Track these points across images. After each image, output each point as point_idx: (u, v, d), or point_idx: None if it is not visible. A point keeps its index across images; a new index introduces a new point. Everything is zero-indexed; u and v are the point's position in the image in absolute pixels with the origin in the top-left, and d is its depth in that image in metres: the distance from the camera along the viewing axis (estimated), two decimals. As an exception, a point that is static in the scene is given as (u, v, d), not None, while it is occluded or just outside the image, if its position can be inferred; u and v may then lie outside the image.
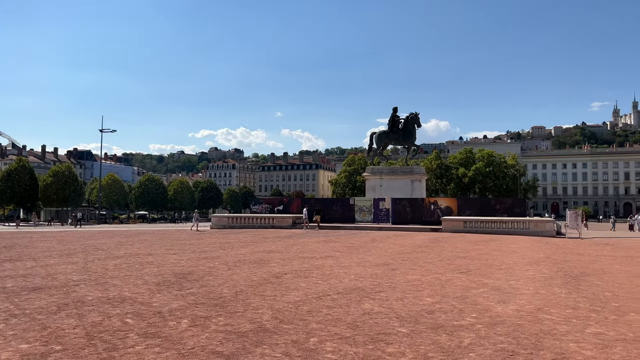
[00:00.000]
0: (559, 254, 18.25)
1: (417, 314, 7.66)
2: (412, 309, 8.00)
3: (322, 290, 9.54)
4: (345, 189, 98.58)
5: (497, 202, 37.22)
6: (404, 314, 7.61)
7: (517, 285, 10.67)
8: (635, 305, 8.66)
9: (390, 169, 42.94)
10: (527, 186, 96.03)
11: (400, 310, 7.88)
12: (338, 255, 16.22)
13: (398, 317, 7.44)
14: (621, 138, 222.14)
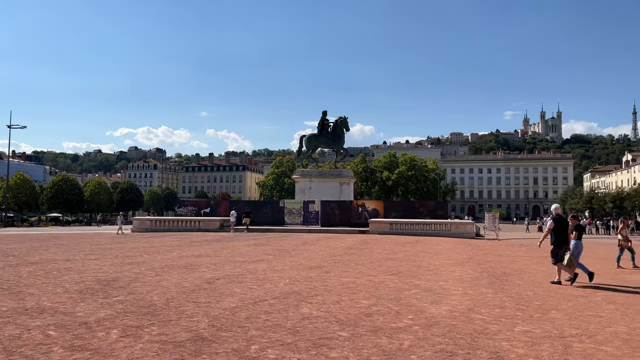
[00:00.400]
0: (480, 255, 19.18)
1: (356, 317, 7.69)
2: (350, 312, 8.02)
3: (258, 296, 9.35)
4: (273, 191, 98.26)
5: (421, 205, 38.63)
6: (343, 318, 7.61)
7: (446, 286, 11.05)
8: (554, 303, 9.23)
9: (320, 171, 43.33)
10: (446, 189, 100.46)
11: (338, 314, 7.87)
12: (270, 259, 16.04)
13: (337, 320, 7.42)
14: (530, 145, 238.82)
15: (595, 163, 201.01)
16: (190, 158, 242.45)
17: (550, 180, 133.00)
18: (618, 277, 13.35)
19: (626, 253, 16.16)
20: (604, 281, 12.40)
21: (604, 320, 7.80)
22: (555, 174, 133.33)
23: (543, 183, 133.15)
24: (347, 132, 41.75)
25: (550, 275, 13.24)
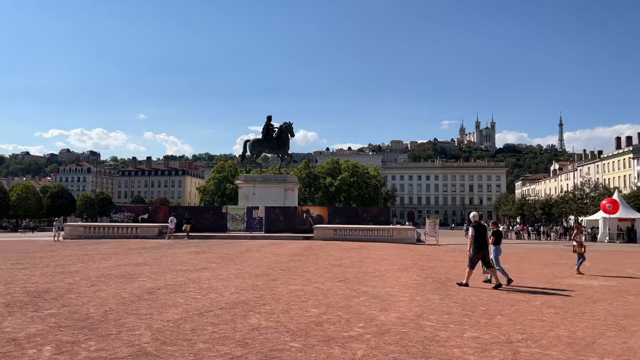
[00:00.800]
0: (423, 260, 19.55)
1: (306, 326, 7.52)
2: (300, 322, 7.84)
3: (203, 306, 8.98)
4: (214, 197, 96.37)
5: (364, 211, 39.05)
6: (293, 328, 7.42)
7: (393, 292, 11.10)
8: (499, 308, 9.46)
9: (264, 177, 42.87)
10: (387, 196, 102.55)
11: (288, 324, 7.67)
12: (214, 267, 15.57)
13: (288, 330, 7.22)
14: (466, 154, 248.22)
15: (525, 171, 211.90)
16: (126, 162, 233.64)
17: (485, 188, 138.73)
18: (554, 281, 13.94)
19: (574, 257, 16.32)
20: (542, 285, 12.90)
21: (546, 325, 8.05)
22: (490, 181, 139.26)
23: (478, 190, 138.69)
24: (292, 137, 41.66)
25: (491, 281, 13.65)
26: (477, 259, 11.93)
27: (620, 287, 12.89)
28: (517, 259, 21.16)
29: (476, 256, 11.90)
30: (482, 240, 11.91)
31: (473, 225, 12.17)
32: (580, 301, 10.45)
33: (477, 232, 11.90)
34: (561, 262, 20.32)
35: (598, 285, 13.06)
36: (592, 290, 12.17)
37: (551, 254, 25.81)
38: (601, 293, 11.67)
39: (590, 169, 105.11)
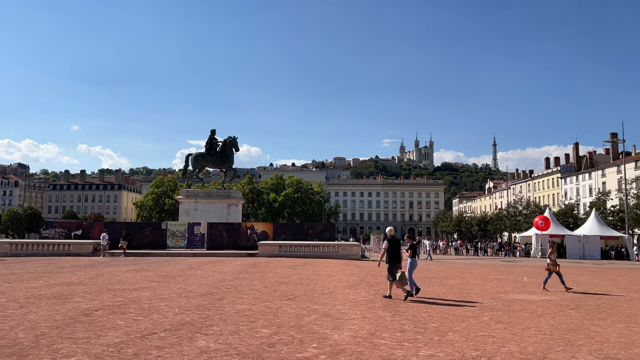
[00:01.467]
0: (370, 276, 19.53)
1: (258, 348, 7.18)
2: (251, 343, 7.48)
3: (146, 328, 8.41)
4: (152, 212, 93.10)
5: (310, 227, 38.82)
6: (244, 350, 7.05)
7: (344, 309, 10.91)
8: (449, 324, 9.48)
9: (207, 192, 41.82)
10: (330, 212, 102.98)
11: (239, 346, 7.29)
12: (154, 286, 14.79)
13: (239, 353, 6.85)
14: (406, 171, 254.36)
15: (462, 189, 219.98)
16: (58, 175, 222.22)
17: (424, 204, 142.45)
18: (498, 296, 14.26)
19: (554, 277, 16.16)
20: (483, 302, 13.13)
21: (497, 340, 8.11)
22: (429, 198, 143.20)
23: (418, 207, 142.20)
24: (237, 152, 40.98)
25: (438, 295, 13.79)
26: (394, 270, 12.48)
27: (560, 301, 13.36)
28: (460, 275, 21.60)
29: (393, 268, 12.51)
30: (396, 253, 12.63)
31: (387, 239, 12.87)
32: (525, 316, 10.68)
33: (390, 246, 12.61)
34: (501, 277, 20.93)
35: (539, 300, 13.47)
36: (534, 305, 12.51)
37: (491, 269, 26.59)
38: (543, 308, 12.01)
39: (522, 188, 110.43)
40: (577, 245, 44.24)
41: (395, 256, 12.54)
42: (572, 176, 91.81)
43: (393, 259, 12.50)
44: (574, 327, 9.47)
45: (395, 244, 12.68)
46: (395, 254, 12.54)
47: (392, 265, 12.49)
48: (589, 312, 11.47)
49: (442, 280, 18.72)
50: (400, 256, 12.66)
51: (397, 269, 12.46)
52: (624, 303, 13.43)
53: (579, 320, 10.29)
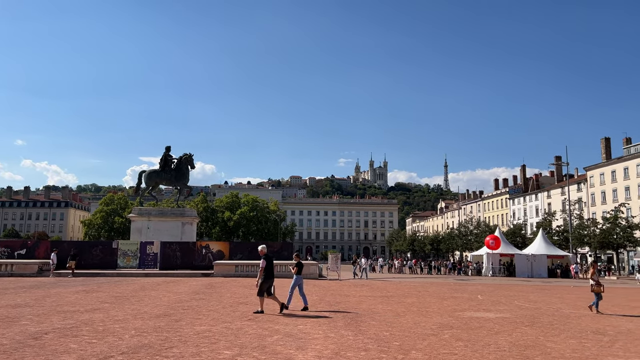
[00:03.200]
0: (329, 296, 19.49)
1: (222, 370, 6.98)
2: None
3: (102, 351, 8.04)
4: (101, 231, 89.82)
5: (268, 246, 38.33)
6: (208, 373, 6.84)
7: (306, 329, 10.81)
8: (412, 343, 9.54)
9: (160, 210, 40.76)
10: (286, 231, 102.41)
11: (202, 369, 7.07)
12: (107, 307, 14.21)
13: (203, 376, 6.63)
14: (361, 191, 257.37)
15: (415, 209, 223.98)
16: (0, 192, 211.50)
17: (379, 224, 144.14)
18: (455, 314, 14.50)
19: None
20: (442, 320, 13.32)
21: (459, 358, 8.21)
22: (383, 217, 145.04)
23: (372, 226, 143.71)
24: (192, 169, 40.30)
25: (398, 315, 13.89)
26: (265, 286, 13.15)
27: (515, 318, 13.72)
28: (417, 293, 21.88)
29: (265, 284, 13.14)
30: (271, 270, 13.28)
31: (263, 257, 13.37)
32: (483, 333, 10.89)
33: (268, 263, 13.24)
34: (457, 296, 21.32)
35: (495, 317, 13.79)
36: (491, 322, 12.80)
37: (446, 287, 27.07)
38: (500, 325, 12.30)
39: (472, 208, 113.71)
40: (525, 263, 45.75)
41: (270, 273, 13.23)
42: (520, 197, 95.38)
43: (268, 275, 13.17)
44: (530, 344, 9.73)
45: (270, 261, 13.36)
46: (270, 271, 13.22)
47: (265, 282, 13.11)
48: (543, 329, 11.83)
49: (401, 299, 18.89)
50: (273, 272, 13.41)
51: (271, 284, 13.23)
52: (574, 319, 13.94)
53: (535, 337, 10.59)
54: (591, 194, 77.41)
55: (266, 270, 13.14)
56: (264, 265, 13.16)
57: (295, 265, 14.56)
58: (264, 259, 13.30)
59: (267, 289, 13.19)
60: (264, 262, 13.22)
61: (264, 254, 13.48)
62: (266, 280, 13.13)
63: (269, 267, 13.20)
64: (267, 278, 13.13)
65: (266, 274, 13.13)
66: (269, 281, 13.18)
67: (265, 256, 13.39)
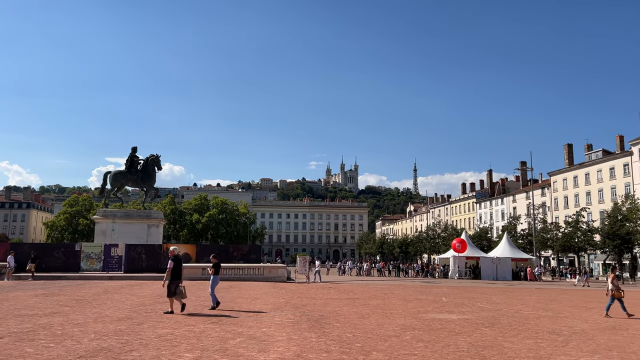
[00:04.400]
0: (295, 298, 19.50)
1: (182, 373, 6.94)
2: (174, 369, 7.21)
3: (59, 355, 7.88)
4: (65, 233, 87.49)
5: (235, 249, 38.12)
6: (166, 376, 6.79)
7: (269, 332, 10.82)
8: (373, 344, 9.67)
9: (125, 212, 40.04)
10: (256, 233, 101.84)
11: (161, 372, 7.01)
12: (67, 311, 13.88)
13: (161, 380, 6.58)
14: (332, 194, 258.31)
15: (384, 212, 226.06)
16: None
17: (349, 227, 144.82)
18: (418, 316, 14.73)
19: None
20: (405, 322, 13.52)
21: (419, 359, 8.38)
22: (353, 220, 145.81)
23: (343, 229, 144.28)
24: (159, 170, 39.73)
25: (362, 317, 14.03)
26: (173, 287, 13.36)
27: (476, 320, 14.04)
28: (383, 295, 22.12)
29: (172, 285, 13.36)
30: (178, 271, 13.50)
31: (171, 259, 13.62)
32: (444, 334, 11.12)
33: (175, 264, 13.46)
34: (421, 298, 21.65)
35: (457, 319, 14.07)
36: (452, 323, 13.06)
37: (411, 290, 27.42)
38: (460, 326, 12.56)
39: (440, 211, 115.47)
40: (490, 266, 46.69)
41: (177, 274, 13.45)
42: (486, 201, 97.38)
43: (175, 276, 13.40)
44: (488, 344, 9.99)
45: (178, 263, 13.58)
46: (177, 272, 13.45)
47: (172, 282, 13.38)
48: (502, 330, 12.15)
49: (366, 301, 19.06)
50: (181, 274, 13.62)
51: (177, 285, 13.42)
52: (533, 320, 14.36)
53: (493, 337, 10.87)
54: (554, 198, 79.67)
55: (173, 272, 13.37)
56: (171, 267, 13.37)
57: (212, 267, 15.01)
58: (171, 261, 13.54)
59: (175, 289, 13.36)
60: (172, 264, 13.43)
61: (173, 255, 13.79)
62: (173, 281, 13.35)
63: (176, 269, 13.43)
64: (174, 279, 13.36)
65: (173, 275, 13.36)
66: (175, 282, 13.38)
67: (174, 257, 13.66)
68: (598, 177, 70.78)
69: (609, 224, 52.16)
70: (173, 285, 13.36)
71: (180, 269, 13.60)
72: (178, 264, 13.57)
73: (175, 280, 13.40)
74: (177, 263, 13.57)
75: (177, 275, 13.46)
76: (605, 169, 69.63)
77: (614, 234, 50.10)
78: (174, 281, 13.38)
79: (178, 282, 13.47)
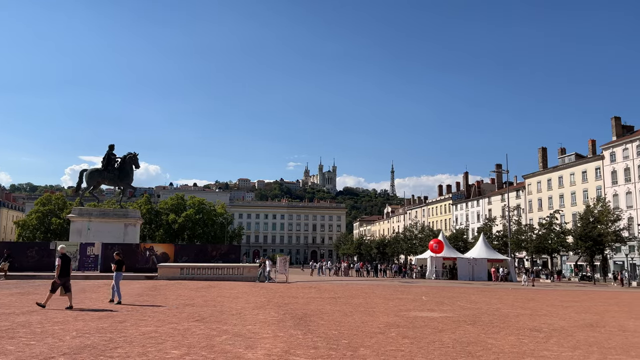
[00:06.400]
0: (277, 297, 19.45)
1: (170, 369, 6.86)
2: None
3: (42, 352, 7.70)
4: (37, 233, 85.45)
5: (214, 249, 37.79)
6: (155, 372, 6.70)
7: (255, 329, 10.77)
8: (359, 340, 9.71)
9: (102, 211, 39.32)
10: (233, 234, 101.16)
11: (149, 368, 6.92)
12: (44, 310, 13.56)
13: (150, 375, 6.49)
14: (310, 194, 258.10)
15: (362, 213, 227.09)
16: None
17: (327, 227, 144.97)
18: (400, 314, 14.84)
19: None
20: (388, 319, 13.62)
21: (406, 354, 8.44)
22: (331, 221, 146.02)
23: (321, 230, 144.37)
24: (137, 169, 39.12)
25: (346, 315, 14.07)
26: (59, 284, 13.72)
27: (458, 317, 14.22)
28: (364, 295, 22.21)
29: (59, 281, 13.71)
30: (66, 269, 13.90)
31: (59, 256, 14.07)
32: (428, 331, 11.23)
33: (63, 262, 13.86)
34: (402, 297, 21.81)
35: (439, 317, 14.23)
36: (435, 321, 13.20)
37: (391, 289, 27.60)
38: (444, 324, 12.71)
39: (417, 213, 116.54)
40: (467, 267, 47.31)
41: (66, 271, 13.85)
42: (462, 203, 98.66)
43: (63, 273, 13.78)
44: (472, 340, 10.12)
45: (66, 260, 14.04)
46: (65, 269, 13.84)
47: (60, 279, 13.72)
48: (484, 327, 12.32)
49: (348, 300, 19.12)
50: (69, 271, 14.00)
51: (67, 282, 13.85)
52: (513, 318, 14.61)
53: (476, 334, 11.02)
54: (529, 200, 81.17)
55: (62, 269, 13.74)
56: (59, 264, 13.76)
57: (115, 263, 16.00)
58: (59, 258, 13.93)
59: (63, 285, 13.73)
60: (59, 261, 13.81)
61: (62, 253, 14.16)
62: (62, 278, 13.73)
63: (64, 266, 13.80)
64: (62, 276, 13.74)
65: (62, 272, 13.74)
66: (63, 279, 13.75)
67: (63, 255, 14.05)
68: (571, 180, 72.40)
69: (581, 226, 53.37)
70: (60, 282, 13.69)
71: (68, 266, 14.01)
72: (66, 262, 13.97)
73: (64, 277, 13.78)
74: (66, 261, 13.96)
75: (66, 273, 13.84)
76: (578, 173, 71.28)
77: (586, 236, 51.26)
78: (61, 278, 13.72)
79: (66, 280, 13.83)
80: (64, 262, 13.92)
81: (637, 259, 58.31)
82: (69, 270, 14.10)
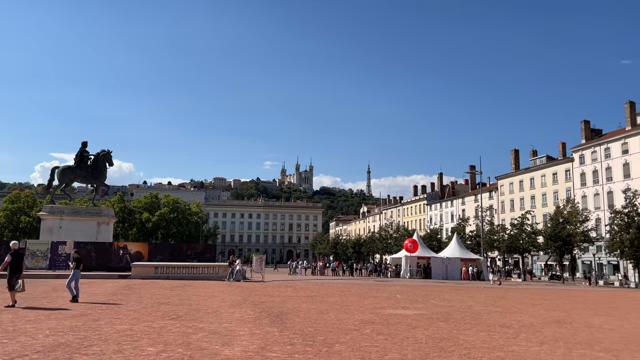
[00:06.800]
0: (253, 296, 19.48)
1: (147, 366, 6.88)
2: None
3: (14, 350, 7.62)
4: (5, 231, 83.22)
5: (189, 248, 37.52)
6: (131, 368, 6.71)
7: (231, 327, 10.81)
8: (335, 336, 9.86)
9: (74, 209, 38.64)
10: (209, 233, 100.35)
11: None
12: (15, 309, 13.32)
13: (126, 372, 6.51)
14: (287, 194, 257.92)
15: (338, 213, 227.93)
16: None
17: (303, 227, 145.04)
18: (375, 311, 15.05)
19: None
20: (363, 317, 13.81)
21: (380, 350, 8.62)
22: (308, 221, 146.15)
23: (297, 229, 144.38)
24: (111, 166, 38.55)
25: (321, 313, 14.21)
26: (13, 280, 13.62)
27: (431, 315, 14.50)
28: (340, 293, 22.40)
29: (12, 278, 13.61)
30: (17, 265, 13.84)
31: (11, 253, 13.91)
32: (402, 328, 11.45)
33: (13, 259, 13.76)
34: (377, 295, 22.07)
35: (413, 314, 14.49)
36: (409, 318, 13.45)
37: (366, 288, 27.87)
38: (417, 321, 12.96)
39: (393, 213, 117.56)
40: (441, 266, 48.01)
41: (16, 268, 13.74)
42: (437, 203, 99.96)
43: (14, 270, 13.67)
44: (445, 336, 10.38)
45: (17, 257, 13.91)
46: (16, 266, 13.75)
47: (12, 276, 13.59)
48: (457, 324, 12.62)
49: (324, 298, 19.27)
50: (21, 268, 13.91)
51: (17, 279, 13.67)
52: (484, 315, 14.97)
53: (449, 331, 11.29)
54: (501, 201, 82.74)
55: (12, 265, 13.60)
56: (9, 260, 13.61)
57: (74, 261, 16.10)
58: (10, 255, 13.76)
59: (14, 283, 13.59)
60: (10, 257, 13.65)
61: (14, 249, 14.01)
62: (12, 275, 13.56)
63: (14, 262, 13.68)
64: (13, 273, 13.58)
65: (12, 269, 13.59)
66: (15, 275, 13.60)
67: (14, 252, 13.91)
68: (542, 181, 74.07)
69: (551, 226, 54.67)
70: (13, 278, 13.55)
71: (20, 263, 13.89)
72: (18, 258, 13.84)
73: (15, 274, 13.62)
74: (17, 257, 13.83)
75: (17, 270, 13.73)
76: (549, 174, 72.98)
77: (556, 236, 52.55)
78: (13, 275, 13.56)
79: (17, 276, 13.69)
80: (15, 258, 13.74)
81: (604, 258, 60.05)
82: (21, 267, 13.96)
